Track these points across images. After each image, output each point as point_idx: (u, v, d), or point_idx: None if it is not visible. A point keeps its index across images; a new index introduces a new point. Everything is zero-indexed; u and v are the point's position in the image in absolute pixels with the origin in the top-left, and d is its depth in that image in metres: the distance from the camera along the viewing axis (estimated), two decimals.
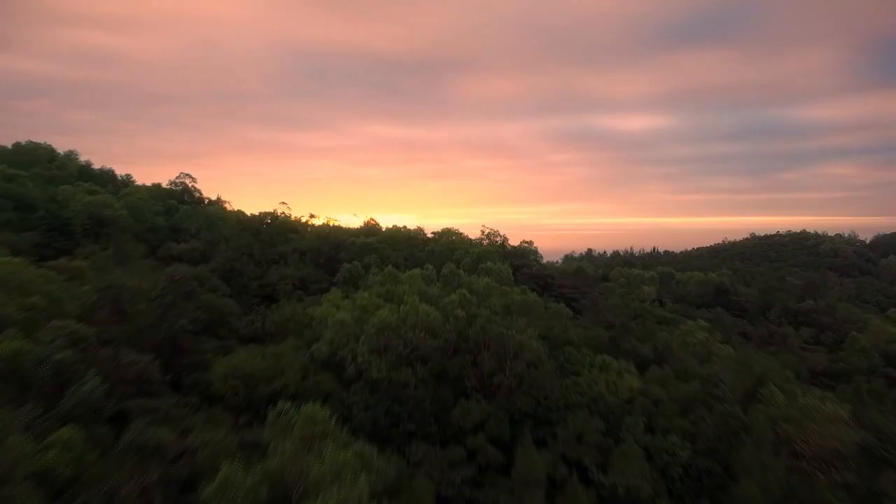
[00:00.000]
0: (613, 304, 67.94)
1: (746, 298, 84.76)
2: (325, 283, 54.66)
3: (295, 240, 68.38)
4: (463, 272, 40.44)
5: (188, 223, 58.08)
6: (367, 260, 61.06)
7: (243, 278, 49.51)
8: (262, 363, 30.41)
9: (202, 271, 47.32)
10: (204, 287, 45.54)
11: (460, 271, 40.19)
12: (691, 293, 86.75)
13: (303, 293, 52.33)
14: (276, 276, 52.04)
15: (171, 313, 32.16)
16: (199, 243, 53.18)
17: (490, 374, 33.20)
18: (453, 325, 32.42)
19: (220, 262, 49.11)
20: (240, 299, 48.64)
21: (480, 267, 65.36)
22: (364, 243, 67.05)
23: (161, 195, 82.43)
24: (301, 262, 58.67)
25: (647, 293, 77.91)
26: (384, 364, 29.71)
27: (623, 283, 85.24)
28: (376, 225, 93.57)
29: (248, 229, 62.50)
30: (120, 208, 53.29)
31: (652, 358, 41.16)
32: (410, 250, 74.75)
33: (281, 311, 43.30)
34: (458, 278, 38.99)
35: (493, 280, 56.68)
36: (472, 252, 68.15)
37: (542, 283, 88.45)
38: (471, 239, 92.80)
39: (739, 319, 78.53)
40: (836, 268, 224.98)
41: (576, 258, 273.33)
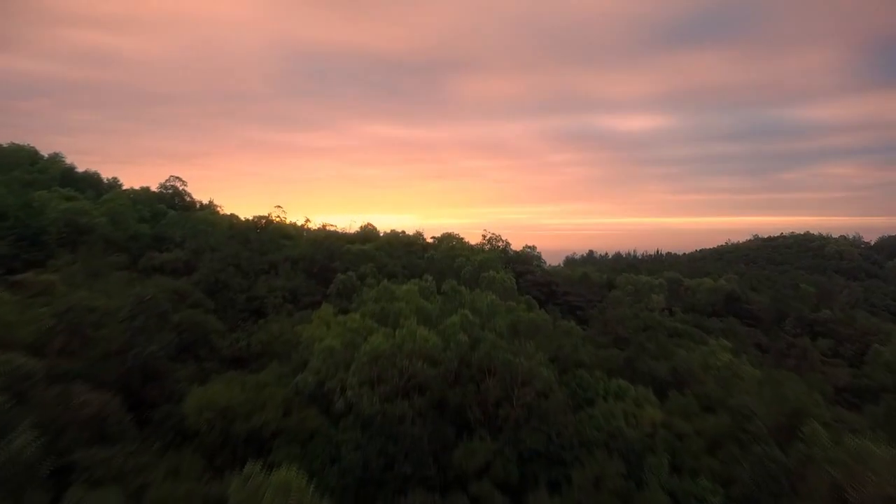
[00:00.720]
0: (622, 315, 64.60)
1: (759, 306, 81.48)
2: (318, 294, 51.38)
3: (288, 247, 65.10)
4: (465, 288, 37.07)
5: (173, 231, 54.75)
6: (363, 269, 57.81)
7: (229, 291, 46.20)
8: (240, 395, 27.07)
9: (184, 284, 44.09)
10: (186, 302, 42.37)
11: (462, 288, 36.83)
12: (701, 301, 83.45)
13: (293, 307, 49.05)
14: (265, 289, 48.72)
15: (141, 338, 28.85)
16: (183, 253, 49.85)
17: (495, 403, 29.91)
18: (455, 350, 29.12)
19: (204, 274, 45.80)
20: (225, 314, 45.38)
21: (483, 276, 62.20)
22: (360, 251, 63.78)
23: (150, 199, 79.21)
24: (293, 271, 55.37)
25: (656, 302, 74.60)
26: (377, 397, 26.39)
27: (630, 290, 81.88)
28: (374, 230, 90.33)
29: (237, 236, 59.19)
30: (99, 215, 50.00)
31: (670, 381, 37.83)
32: (409, 258, 71.47)
33: (268, 329, 39.99)
34: (459, 296, 35.68)
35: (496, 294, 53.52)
36: (474, 260, 64.87)
37: (546, 290, 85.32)
38: (471, 245, 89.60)
39: (752, 329, 75.33)
40: (841, 271, 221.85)
41: (577, 260, 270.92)
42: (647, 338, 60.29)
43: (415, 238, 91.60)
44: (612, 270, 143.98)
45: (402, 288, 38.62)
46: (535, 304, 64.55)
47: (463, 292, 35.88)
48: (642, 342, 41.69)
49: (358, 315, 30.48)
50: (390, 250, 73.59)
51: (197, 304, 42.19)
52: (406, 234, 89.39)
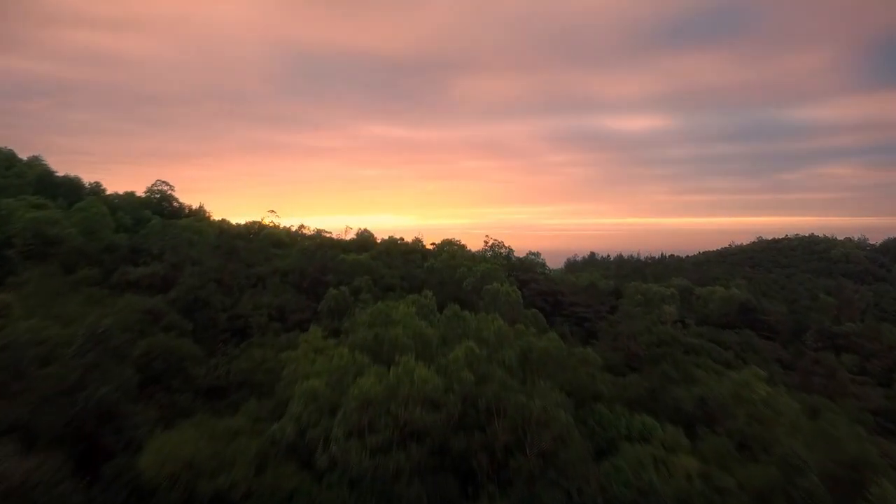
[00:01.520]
0: (635, 330, 60.58)
1: (775, 317, 77.46)
2: (308, 311, 47.38)
3: (278, 257, 61.06)
4: (468, 313, 33.01)
5: (152, 242, 50.68)
6: (358, 282, 53.78)
7: (210, 310, 42.15)
8: (207, 447, 23.01)
9: (159, 303, 40.02)
10: (160, 323, 38.34)
11: (466, 313, 32.76)
12: (714, 312, 79.45)
13: (281, 325, 45.05)
14: (251, 306, 44.67)
15: (94, 376, 24.80)
16: (161, 267, 45.78)
17: (505, 449, 25.88)
18: (459, 391, 25.08)
19: (182, 292, 41.72)
20: (204, 335, 41.37)
21: (486, 288, 58.27)
22: (355, 261, 59.74)
23: (134, 205, 75.24)
24: (282, 285, 51.33)
25: (668, 313, 70.57)
26: (367, 451, 22.34)
27: (640, 300, 77.87)
28: (371, 237, 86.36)
29: (224, 246, 55.11)
30: (70, 225, 45.96)
31: (698, 415, 33.77)
32: (407, 267, 67.43)
33: (249, 355, 35.97)
34: (463, 322, 31.64)
35: (501, 308, 49.41)
36: (476, 270, 60.86)
37: (551, 300, 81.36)
38: (473, 252, 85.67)
39: (770, 342, 71.37)
40: (849, 274, 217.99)
41: (578, 262, 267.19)
42: (663, 355, 56.44)
43: (414, 245, 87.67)
44: (617, 276, 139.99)
45: (399, 310, 34.56)
46: (543, 318, 60.65)
47: (467, 318, 31.79)
48: (666, 371, 37.58)
49: (346, 349, 26.47)
50: (388, 259, 69.56)
51: (172, 325, 38.15)
52: (404, 242, 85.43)
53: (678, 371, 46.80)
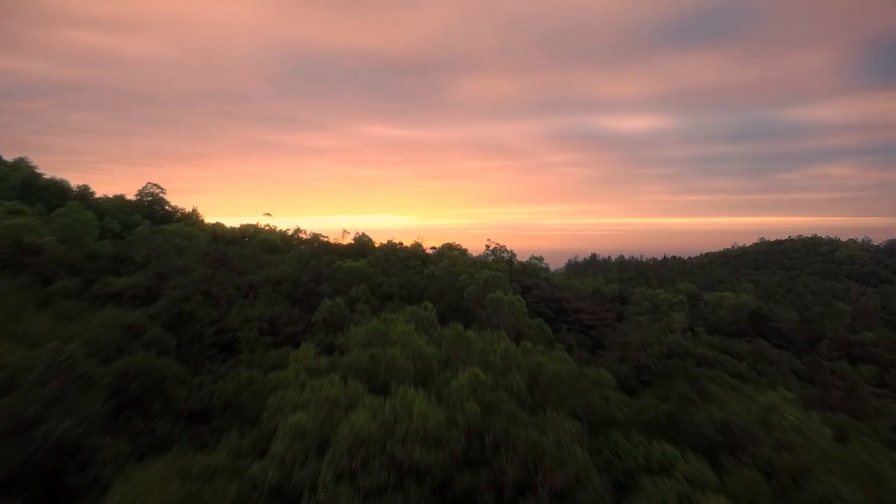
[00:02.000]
0: (644, 340, 58.00)
1: (787, 325, 74.90)
2: (301, 323, 44.77)
3: (271, 264, 58.45)
4: (472, 333, 30.42)
5: (137, 250, 48.05)
6: (355, 291, 51.20)
7: (196, 323, 39.55)
8: (180, 490, 20.42)
9: (140, 317, 37.40)
10: (140, 339, 35.74)
11: (469, 333, 30.15)
12: (724, 319, 76.85)
13: (272, 339, 42.43)
14: (239, 319, 42.06)
15: (56, 409, 22.21)
16: (145, 277, 43.17)
17: (514, 487, 23.33)
18: (463, 423, 22.50)
19: (165, 305, 39.12)
20: (189, 351, 38.78)
21: (489, 297, 55.74)
22: (351, 269, 57.13)
23: (124, 209, 72.65)
24: (274, 295, 48.71)
25: (678, 321, 68.00)
26: (359, 493, 19.75)
27: (647, 307, 75.33)
28: (369, 241, 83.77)
29: (212, 254, 52.50)
30: (49, 233, 43.37)
31: (722, 441, 31.16)
32: (406, 274, 64.81)
33: (235, 376, 33.35)
34: (466, 344, 29.01)
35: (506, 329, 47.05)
36: (479, 278, 58.27)
37: (555, 307, 78.75)
38: (474, 256, 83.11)
39: (782, 351, 68.80)
40: (853, 276, 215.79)
41: (579, 263, 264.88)
42: (675, 369, 53.90)
43: (413, 250, 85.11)
44: (620, 279, 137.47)
45: (397, 327, 31.99)
46: (548, 329, 58.12)
47: (471, 339, 29.17)
48: (685, 392, 34.98)
49: (337, 376, 23.90)
50: (386, 266, 66.94)
51: (153, 342, 35.54)
52: (403, 247, 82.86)
53: (694, 388, 44.34)
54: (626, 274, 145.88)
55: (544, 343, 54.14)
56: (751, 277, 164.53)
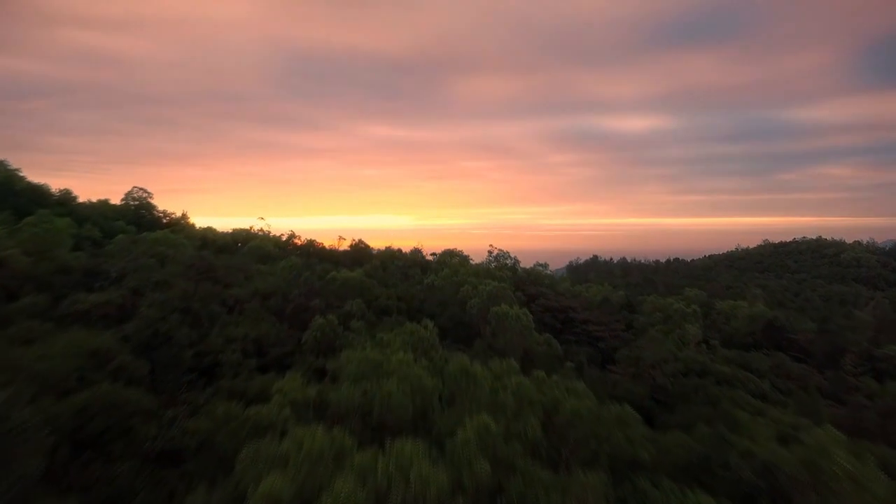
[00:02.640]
0: (658, 356, 54.37)
1: (806, 337, 71.22)
2: (290, 343, 41.10)
3: (261, 275, 54.77)
4: (479, 367, 26.74)
5: (114, 262, 44.35)
6: (349, 306, 47.52)
7: (172, 346, 35.86)
8: None
9: (110, 340, 33.72)
10: (108, 367, 32.07)
11: (476, 368, 26.48)
12: (739, 331, 73.21)
13: (257, 362, 38.79)
14: (222, 340, 38.41)
15: None
16: (119, 293, 39.51)
17: None
18: (470, 486, 18.86)
19: (139, 325, 35.47)
20: (164, 378, 35.08)
21: (493, 311, 52.10)
22: (346, 280, 53.43)
23: (107, 215, 68.94)
24: (261, 311, 45.07)
25: (692, 334, 64.37)
26: None
27: (659, 318, 71.69)
28: (366, 248, 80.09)
29: (196, 265, 48.79)
30: (13, 245, 39.71)
31: (763, 488, 27.53)
32: (405, 285, 61.15)
33: (211, 411, 29.64)
34: (473, 383, 25.32)
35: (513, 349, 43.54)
36: (482, 290, 54.62)
37: (561, 317, 75.19)
38: (477, 264, 79.46)
39: (802, 365, 65.15)
40: (860, 279, 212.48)
41: (581, 265, 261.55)
42: (695, 389, 50.31)
43: (413, 256, 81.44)
44: (625, 284, 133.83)
45: (394, 356, 28.34)
46: (557, 345, 54.52)
47: (478, 375, 25.51)
48: (723, 434, 31.28)
49: (320, 430, 20.24)
50: (384, 275, 63.29)
51: (122, 369, 31.89)
52: (402, 253, 79.16)
53: (717, 412, 40.81)
54: (632, 279, 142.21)
55: (553, 360, 50.66)
56: (758, 282, 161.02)
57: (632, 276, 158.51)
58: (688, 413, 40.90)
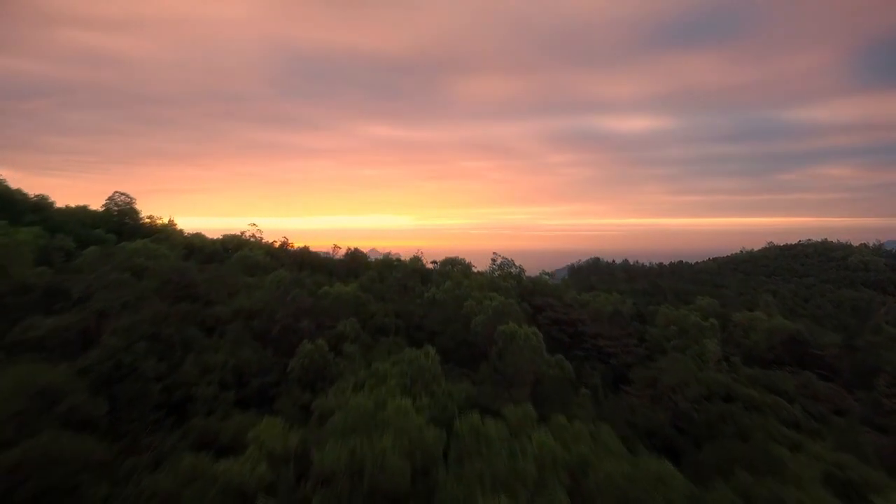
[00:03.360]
0: (678, 377, 50.02)
1: (831, 352, 66.92)
2: (274, 373, 36.67)
3: (247, 289, 50.32)
4: (493, 424, 22.29)
5: (79, 279, 39.88)
6: (342, 326, 43.13)
7: (138, 380, 31.45)
8: None
9: (61, 376, 29.27)
10: (55, 410, 27.63)
11: (488, 427, 22.04)
12: (759, 346, 68.87)
13: (236, 394, 34.40)
14: (197, 370, 33.99)
15: None
16: (81, 316, 35.09)
17: None
18: None
19: (100, 356, 31.05)
20: (128, 417, 30.68)
21: (500, 330, 47.71)
22: (339, 296, 49.01)
23: (85, 223, 64.45)
24: (244, 333, 40.67)
25: (711, 350, 60.04)
26: None
27: (674, 332, 67.36)
28: (363, 256, 75.67)
29: (176, 280, 44.42)
30: None
31: None
32: (404, 299, 56.74)
33: (174, 466, 25.18)
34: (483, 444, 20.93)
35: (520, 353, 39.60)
36: (488, 307, 50.24)
37: (570, 330, 70.80)
38: (480, 274, 75.06)
39: (831, 385, 60.87)
40: (869, 283, 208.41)
41: (582, 267, 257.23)
42: (721, 417, 45.96)
43: (412, 264, 77.03)
44: (632, 291, 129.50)
45: (390, 400, 23.99)
46: (570, 367, 50.01)
47: (490, 436, 21.10)
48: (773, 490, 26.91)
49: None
50: (381, 288, 58.89)
51: (74, 411, 27.46)
52: (401, 261, 74.75)
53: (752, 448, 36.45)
54: (637, 285, 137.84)
55: (567, 387, 46.27)
56: (767, 287, 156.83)
57: (637, 282, 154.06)
58: (720, 450, 36.50)
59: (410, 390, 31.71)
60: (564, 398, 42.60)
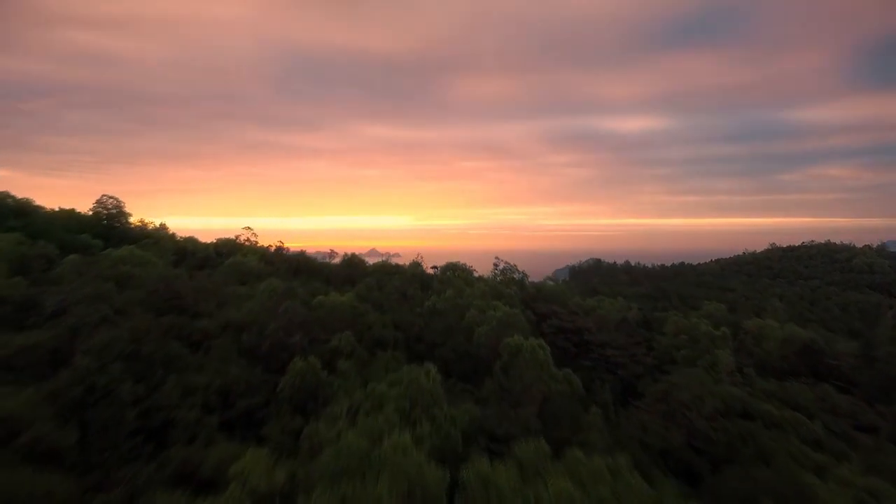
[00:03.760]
0: (693, 392, 47.39)
1: (847, 362, 64.34)
2: (263, 393, 34.05)
3: (237, 299, 47.72)
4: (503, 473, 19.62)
5: (55, 291, 37.25)
6: (337, 340, 40.54)
7: (113, 404, 28.84)
8: None
9: (26, 403, 26.67)
10: (14, 444, 25.02)
11: (498, 475, 19.41)
12: (772, 355, 66.29)
13: (220, 419, 31.79)
14: (178, 392, 31.37)
15: None
16: (52, 333, 32.47)
17: None
18: None
19: (71, 378, 28.44)
20: (102, 444, 28.06)
21: (505, 343, 45.12)
22: (334, 306, 46.42)
23: (71, 228, 61.83)
24: (232, 346, 38.09)
25: (724, 361, 57.46)
26: None
27: (685, 340, 64.78)
28: (360, 263, 73.03)
29: (161, 291, 41.86)
30: None
31: None
32: (403, 310, 54.11)
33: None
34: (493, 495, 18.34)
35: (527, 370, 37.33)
36: (492, 317, 47.67)
37: (576, 339, 68.19)
38: (483, 280, 72.47)
39: (849, 398, 58.30)
40: (874, 286, 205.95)
41: (583, 269, 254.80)
42: (741, 437, 43.40)
43: (412, 269, 74.42)
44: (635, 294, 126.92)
45: (387, 438, 21.40)
46: (579, 383, 47.32)
47: (501, 488, 18.47)
48: None
49: None
50: (379, 297, 56.28)
51: (37, 444, 24.84)
52: (400, 267, 72.15)
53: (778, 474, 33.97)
54: (642, 288, 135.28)
55: (577, 406, 43.67)
56: (773, 290, 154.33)
57: (641, 285, 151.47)
58: (743, 477, 33.96)
59: (409, 415, 29.22)
60: (574, 418, 40.03)
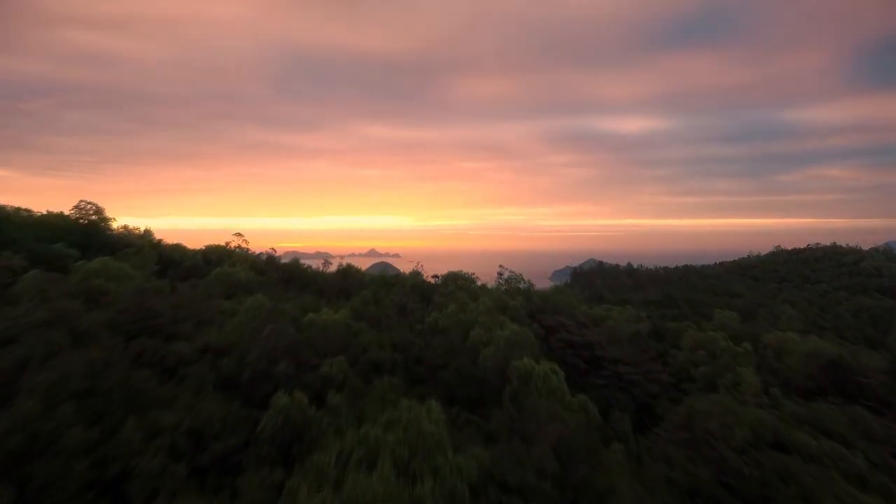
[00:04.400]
0: (719, 420, 43.13)
1: (875, 378, 60.12)
2: (241, 433, 29.76)
3: (218, 318, 43.41)
4: None
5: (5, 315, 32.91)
6: (329, 367, 36.28)
7: (60, 454, 24.56)
8: None
9: None
10: None
11: None
12: (798, 373, 62.03)
13: (189, 467, 27.48)
14: (141, 436, 27.09)
15: None
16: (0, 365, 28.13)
17: None
18: None
19: (9, 425, 24.19)
20: (46, 501, 23.81)
21: (514, 366, 41.02)
22: (327, 325, 42.13)
23: (43, 236, 57.44)
24: (209, 376, 33.79)
25: (749, 381, 53.27)
26: None
27: (703, 356, 60.62)
28: (357, 273, 68.72)
29: (133, 309, 37.56)
30: None
31: None
32: (402, 328, 49.81)
33: None
34: None
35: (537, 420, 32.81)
36: (499, 336, 43.45)
37: (586, 355, 63.99)
38: (488, 290, 68.24)
39: (884, 421, 54.15)
40: (883, 290, 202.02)
41: (585, 271, 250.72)
42: (778, 473, 39.15)
43: (412, 279, 70.16)
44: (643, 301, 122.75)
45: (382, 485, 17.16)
46: (596, 413, 43.05)
47: None
48: None
49: None
50: (376, 312, 51.99)
51: None
52: (399, 277, 67.85)
53: None
54: (649, 294, 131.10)
55: (595, 440, 39.39)
56: (782, 296, 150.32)
57: (646, 290, 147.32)
58: None
59: (408, 466, 25.00)
60: (593, 453, 35.81)
